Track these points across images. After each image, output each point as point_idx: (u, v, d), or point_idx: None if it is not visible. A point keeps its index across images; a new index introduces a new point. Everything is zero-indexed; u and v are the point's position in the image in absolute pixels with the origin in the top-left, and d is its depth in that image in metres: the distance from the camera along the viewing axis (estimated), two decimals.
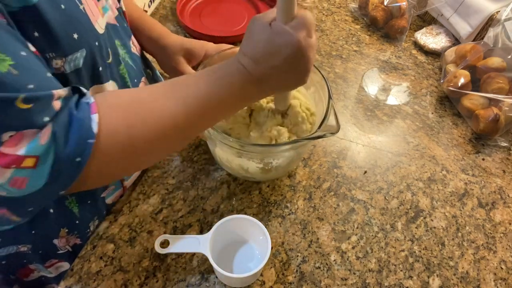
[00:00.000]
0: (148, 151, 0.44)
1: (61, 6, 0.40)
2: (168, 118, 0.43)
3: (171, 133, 0.44)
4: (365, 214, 0.67)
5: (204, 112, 0.45)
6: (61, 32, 0.41)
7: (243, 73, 0.45)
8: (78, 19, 0.43)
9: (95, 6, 0.47)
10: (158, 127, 0.43)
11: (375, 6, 1.01)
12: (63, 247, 0.60)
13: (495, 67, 0.83)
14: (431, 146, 0.79)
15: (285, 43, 0.43)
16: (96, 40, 0.47)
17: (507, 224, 0.68)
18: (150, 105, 0.43)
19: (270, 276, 0.58)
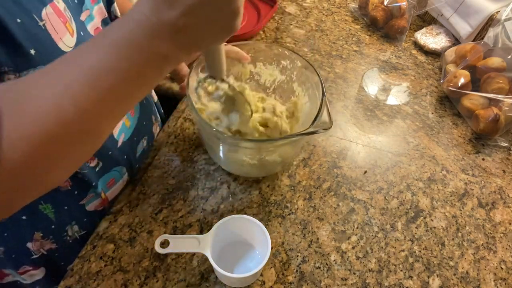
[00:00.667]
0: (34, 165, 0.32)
1: (17, 20, 0.39)
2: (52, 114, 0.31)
3: (61, 131, 0.32)
4: (365, 214, 0.67)
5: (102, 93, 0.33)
6: (17, 45, 0.39)
7: (147, 24, 0.33)
8: (36, 35, 0.41)
9: (62, 25, 0.45)
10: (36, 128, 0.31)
11: (375, 6, 1.01)
12: (37, 251, 0.59)
13: (495, 67, 0.83)
14: (431, 146, 0.79)
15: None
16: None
17: (507, 224, 0.68)
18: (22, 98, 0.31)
19: (270, 276, 0.58)
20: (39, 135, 0.31)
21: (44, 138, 0.31)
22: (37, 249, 0.58)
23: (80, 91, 0.32)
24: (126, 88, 0.35)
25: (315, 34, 1.00)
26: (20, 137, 0.30)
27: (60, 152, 0.34)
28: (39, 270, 0.61)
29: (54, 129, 0.31)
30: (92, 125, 0.35)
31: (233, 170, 0.68)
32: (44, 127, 0.31)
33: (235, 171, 0.68)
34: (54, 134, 0.31)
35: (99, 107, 0.33)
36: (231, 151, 0.61)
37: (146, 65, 0.35)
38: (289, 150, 0.64)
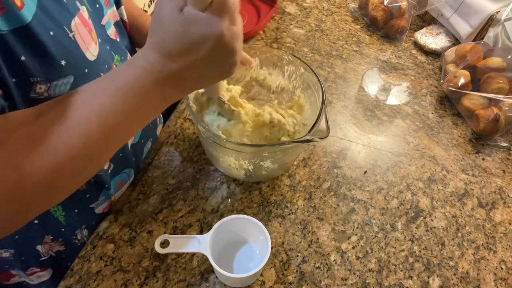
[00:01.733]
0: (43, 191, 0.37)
1: (50, 32, 0.39)
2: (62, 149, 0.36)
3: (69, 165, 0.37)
4: (365, 214, 0.67)
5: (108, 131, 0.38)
6: (49, 57, 0.40)
7: (152, 72, 0.37)
8: (67, 46, 0.42)
9: (88, 34, 0.46)
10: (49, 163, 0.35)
11: (375, 6, 1.01)
12: (46, 253, 0.59)
13: (495, 67, 0.83)
14: (431, 146, 0.79)
15: (204, 36, 0.36)
16: (86, 67, 0.45)
17: (507, 224, 0.68)
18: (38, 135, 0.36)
19: (270, 276, 0.58)
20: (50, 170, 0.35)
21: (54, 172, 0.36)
22: (46, 251, 0.59)
23: (89, 130, 0.36)
24: (129, 125, 0.40)
25: (315, 34, 1.00)
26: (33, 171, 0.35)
27: (66, 181, 0.38)
28: (46, 272, 0.62)
29: (63, 162, 0.36)
30: (97, 158, 0.40)
31: (231, 175, 0.68)
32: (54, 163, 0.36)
33: (233, 176, 0.68)
34: (63, 168, 0.36)
35: (105, 143, 0.38)
36: (227, 155, 0.61)
37: (148, 106, 0.40)
38: (286, 156, 0.64)
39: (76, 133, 0.36)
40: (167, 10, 0.36)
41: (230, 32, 0.37)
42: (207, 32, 0.36)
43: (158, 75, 0.37)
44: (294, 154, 0.67)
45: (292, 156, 0.66)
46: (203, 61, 0.37)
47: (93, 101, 0.37)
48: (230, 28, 0.37)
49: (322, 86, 0.61)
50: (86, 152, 0.37)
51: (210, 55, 0.37)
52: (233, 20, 0.37)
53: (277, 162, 0.62)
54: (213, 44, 0.36)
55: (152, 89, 0.38)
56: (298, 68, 0.66)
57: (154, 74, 0.37)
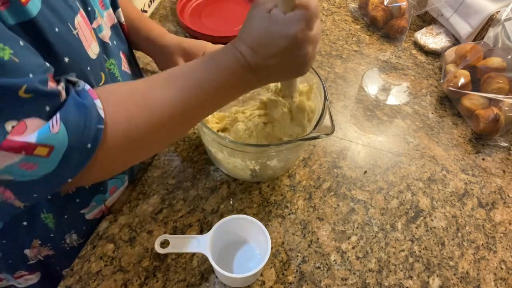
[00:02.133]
0: (147, 142, 0.44)
1: (55, 29, 0.40)
2: (166, 107, 0.43)
3: (170, 123, 0.44)
4: (365, 214, 0.67)
5: (201, 100, 0.45)
6: (53, 53, 0.40)
7: (241, 60, 0.44)
8: (70, 43, 0.42)
9: (89, 32, 0.47)
10: (156, 117, 0.42)
11: (375, 6, 1.01)
12: (34, 257, 0.59)
13: (495, 67, 0.83)
14: (431, 146, 0.79)
15: (281, 35, 0.42)
16: (88, 65, 0.46)
17: (507, 224, 0.68)
18: (147, 94, 0.43)
19: (270, 276, 0.58)
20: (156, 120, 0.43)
21: (158, 125, 0.43)
22: (34, 255, 0.59)
23: (189, 95, 0.44)
24: (218, 97, 0.47)
25: None
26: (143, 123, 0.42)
27: (165, 135, 0.46)
28: (34, 275, 0.62)
29: (165, 119, 0.43)
30: (191, 118, 0.47)
31: (236, 176, 0.68)
32: (159, 115, 0.43)
33: (238, 177, 0.68)
34: (165, 123, 0.43)
35: (199, 107, 0.46)
36: (233, 156, 0.61)
37: (235, 87, 0.47)
38: (291, 154, 0.64)
39: (178, 97, 0.43)
40: (257, 10, 0.44)
41: (304, 35, 0.42)
42: (284, 32, 0.42)
43: (247, 64, 0.44)
44: (299, 151, 0.67)
45: (297, 153, 0.67)
46: (279, 56, 0.43)
47: (195, 73, 0.44)
48: (304, 32, 0.42)
49: (323, 84, 0.61)
50: (184, 114, 0.45)
51: (284, 51, 0.43)
52: (310, 26, 0.42)
53: (283, 160, 0.63)
54: (286, 43, 0.42)
55: (240, 72, 0.45)
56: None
57: (244, 62, 0.44)
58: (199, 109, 0.46)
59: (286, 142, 0.57)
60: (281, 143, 0.58)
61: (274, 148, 0.59)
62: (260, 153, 0.60)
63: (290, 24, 0.42)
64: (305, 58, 0.45)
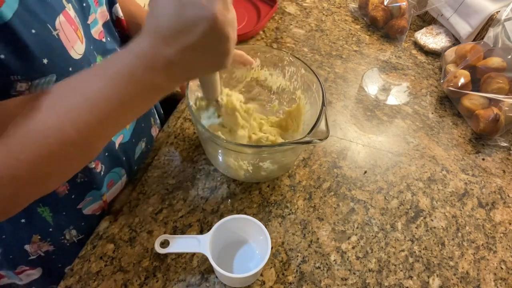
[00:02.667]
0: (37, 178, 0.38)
1: (32, 30, 0.39)
2: (54, 135, 0.36)
3: (61, 151, 0.37)
4: (365, 214, 0.67)
5: (99, 117, 0.38)
6: (30, 55, 0.39)
7: (145, 59, 0.37)
8: (50, 44, 0.41)
9: (73, 32, 0.45)
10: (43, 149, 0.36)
11: (375, 6, 1.01)
12: (34, 253, 0.59)
13: (495, 67, 0.83)
14: (431, 146, 0.79)
15: (198, 17, 0.36)
16: (70, 66, 0.45)
17: (507, 224, 0.68)
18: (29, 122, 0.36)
19: (270, 276, 0.58)
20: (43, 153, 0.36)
21: (46, 157, 0.36)
22: (34, 251, 0.59)
23: (81, 116, 0.37)
24: (121, 114, 0.39)
25: (315, 34, 1.00)
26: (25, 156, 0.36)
27: (58, 167, 0.39)
28: (35, 270, 0.62)
29: (55, 149, 0.37)
30: (89, 145, 0.40)
31: (230, 175, 0.68)
32: (46, 147, 0.36)
33: (233, 176, 0.68)
34: (55, 153, 0.37)
35: (96, 130, 0.38)
36: (226, 155, 0.61)
37: (141, 94, 0.39)
38: (285, 157, 0.63)
39: (67, 119, 0.36)
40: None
41: (224, 17, 0.36)
42: (200, 14, 0.35)
43: (150, 62, 0.37)
44: (294, 155, 0.66)
45: (292, 157, 0.66)
46: (196, 45, 0.37)
47: (85, 87, 0.37)
48: (223, 13, 0.36)
49: (322, 88, 0.61)
50: (77, 138, 0.37)
51: (202, 38, 0.36)
52: (226, 7, 0.37)
53: (277, 163, 0.62)
54: (206, 27, 0.36)
55: (144, 76, 0.37)
56: (299, 69, 0.66)
57: (146, 61, 0.37)
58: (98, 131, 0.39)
59: (279, 145, 0.57)
60: (273, 145, 0.58)
61: (266, 149, 0.58)
62: (253, 154, 0.60)
63: (206, 5, 0.35)
64: (227, 44, 0.38)
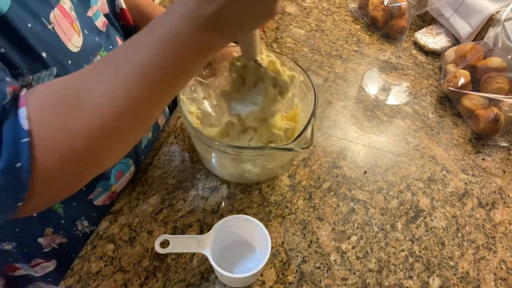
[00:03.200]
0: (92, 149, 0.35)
1: (28, 24, 0.39)
2: (105, 104, 0.34)
3: (115, 121, 0.35)
4: (365, 214, 0.67)
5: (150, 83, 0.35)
6: (29, 49, 0.40)
7: (191, 18, 0.34)
8: (46, 38, 0.42)
9: (69, 25, 0.46)
10: (95, 119, 0.34)
11: (375, 6, 1.01)
12: (48, 245, 0.59)
13: (495, 67, 0.83)
14: (431, 146, 0.79)
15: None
16: (69, 59, 0.45)
17: (507, 224, 0.68)
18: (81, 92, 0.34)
19: (270, 276, 0.58)
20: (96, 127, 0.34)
21: (100, 129, 0.34)
22: (47, 244, 0.59)
23: (131, 84, 0.34)
24: (172, 78, 0.37)
25: (315, 34, 1.00)
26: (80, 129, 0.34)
27: (114, 140, 0.37)
28: (50, 262, 0.62)
29: (109, 121, 0.34)
30: (142, 114, 0.37)
31: (217, 173, 0.67)
32: (100, 120, 0.34)
33: (220, 175, 0.67)
34: (109, 125, 0.35)
35: (149, 98, 0.36)
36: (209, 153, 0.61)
37: (191, 55, 0.37)
38: (268, 162, 0.62)
39: (119, 88, 0.34)
40: None
41: None
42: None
43: (197, 20, 0.34)
44: (279, 161, 0.64)
45: (277, 162, 0.64)
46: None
47: (132, 55, 0.35)
48: None
49: (316, 99, 0.59)
50: (131, 108, 0.35)
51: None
52: None
53: (259, 166, 0.61)
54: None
55: (193, 35, 0.35)
56: (298, 76, 0.65)
57: (193, 19, 0.34)
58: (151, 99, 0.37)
59: (259, 148, 0.55)
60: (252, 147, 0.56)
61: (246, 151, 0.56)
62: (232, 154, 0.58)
63: None
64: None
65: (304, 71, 0.63)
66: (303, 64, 0.91)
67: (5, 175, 0.31)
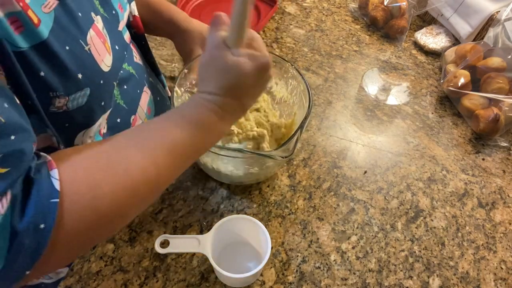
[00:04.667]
0: (116, 213, 0.37)
1: (66, 47, 0.40)
2: (136, 172, 0.38)
3: (142, 189, 0.39)
4: (365, 214, 0.67)
5: (176, 160, 0.41)
6: (67, 71, 0.40)
7: (216, 112, 0.43)
8: (82, 60, 0.43)
9: (102, 45, 0.47)
10: (126, 184, 0.37)
11: (375, 6, 1.01)
12: None
13: (495, 67, 0.83)
14: (431, 146, 0.79)
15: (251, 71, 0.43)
16: (101, 79, 0.46)
17: (507, 224, 0.68)
18: (114, 158, 0.37)
19: (270, 276, 0.58)
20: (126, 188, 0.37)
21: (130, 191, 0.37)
22: None
23: (162, 158, 0.40)
24: (193, 155, 0.44)
25: (315, 34, 1.00)
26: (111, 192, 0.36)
27: (139, 204, 0.40)
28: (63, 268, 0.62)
29: (138, 186, 0.38)
30: (165, 183, 0.43)
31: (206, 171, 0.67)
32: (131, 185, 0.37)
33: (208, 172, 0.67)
34: (138, 189, 0.38)
35: (174, 170, 0.42)
36: None
37: (211, 141, 0.46)
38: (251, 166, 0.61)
39: (151, 159, 0.39)
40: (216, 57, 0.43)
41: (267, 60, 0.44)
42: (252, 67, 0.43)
43: (221, 114, 0.44)
44: (264, 167, 0.63)
45: (260, 166, 0.62)
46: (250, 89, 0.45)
47: (163, 132, 0.41)
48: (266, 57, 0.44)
49: (308, 111, 0.59)
50: (158, 177, 0.39)
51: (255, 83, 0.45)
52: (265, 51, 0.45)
53: (240, 169, 0.61)
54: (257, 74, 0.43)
55: (216, 126, 0.44)
56: (299, 85, 0.65)
57: (218, 113, 0.43)
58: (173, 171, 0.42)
59: (239, 150, 0.55)
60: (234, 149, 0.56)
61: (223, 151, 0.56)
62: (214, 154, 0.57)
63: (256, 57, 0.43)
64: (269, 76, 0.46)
65: (304, 80, 0.63)
66: (303, 64, 0.91)
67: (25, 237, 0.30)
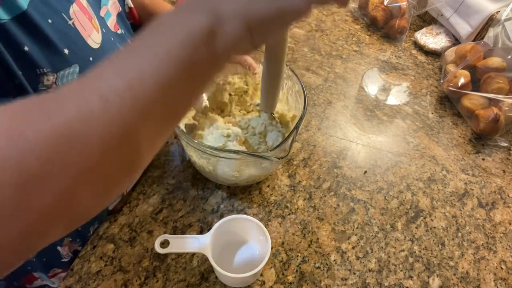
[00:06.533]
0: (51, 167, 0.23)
1: (48, 20, 0.40)
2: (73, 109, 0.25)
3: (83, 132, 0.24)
4: (365, 214, 0.67)
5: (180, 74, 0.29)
6: (51, 45, 0.40)
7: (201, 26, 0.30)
8: (67, 34, 0.42)
9: (88, 22, 0.46)
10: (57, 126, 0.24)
11: (375, 6, 1.01)
12: (66, 255, 0.60)
13: (495, 67, 0.83)
14: (431, 146, 0.79)
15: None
16: (90, 55, 0.45)
17: (507, 224, 0.68)
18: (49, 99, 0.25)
19: (270, 276, 0.58)
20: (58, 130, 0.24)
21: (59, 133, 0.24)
22: (66, 253, 0.59)
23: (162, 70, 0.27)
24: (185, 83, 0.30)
25: (315, 34, 1.00)
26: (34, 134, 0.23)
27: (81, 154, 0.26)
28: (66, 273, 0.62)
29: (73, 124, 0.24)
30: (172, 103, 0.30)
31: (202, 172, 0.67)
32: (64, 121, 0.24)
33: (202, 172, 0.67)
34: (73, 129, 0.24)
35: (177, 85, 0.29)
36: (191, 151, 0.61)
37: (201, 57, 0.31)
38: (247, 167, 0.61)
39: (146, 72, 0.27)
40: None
41: None
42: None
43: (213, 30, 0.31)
44: (259, 168, 0.62)
45: (255, 168, 0.61)
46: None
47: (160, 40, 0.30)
48: None
49: (304, 112, 0.58)
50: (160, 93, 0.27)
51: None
52: None
53: (234, 169, 0.61)
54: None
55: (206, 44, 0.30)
56: (294, 85, 0.65)
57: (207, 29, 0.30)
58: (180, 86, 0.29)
59: (235, 151, 0.55)
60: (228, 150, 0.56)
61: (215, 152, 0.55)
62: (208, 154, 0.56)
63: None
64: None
65: (299, 81, 0.62)
66: (303, 64, 0.91)
67: None
